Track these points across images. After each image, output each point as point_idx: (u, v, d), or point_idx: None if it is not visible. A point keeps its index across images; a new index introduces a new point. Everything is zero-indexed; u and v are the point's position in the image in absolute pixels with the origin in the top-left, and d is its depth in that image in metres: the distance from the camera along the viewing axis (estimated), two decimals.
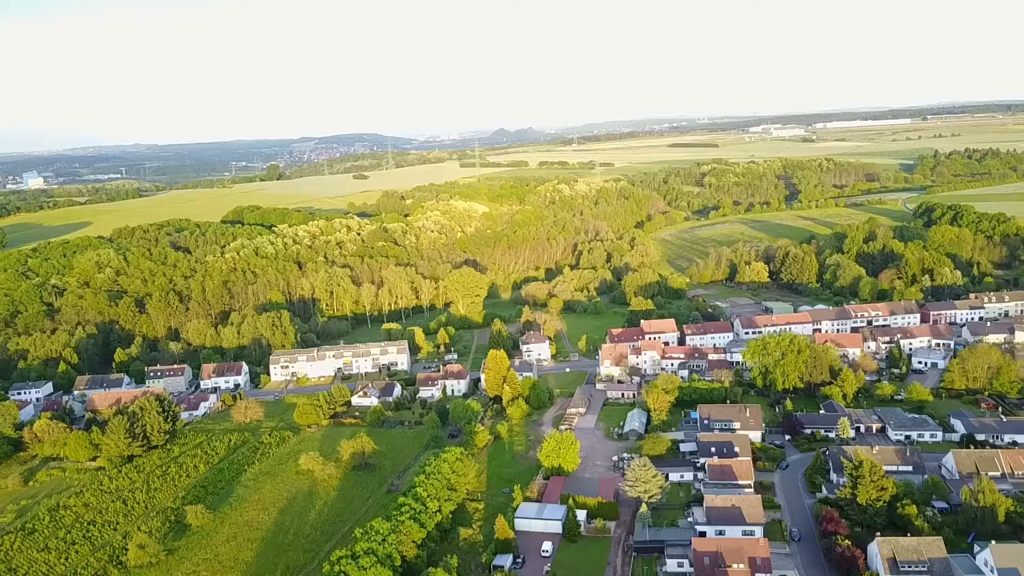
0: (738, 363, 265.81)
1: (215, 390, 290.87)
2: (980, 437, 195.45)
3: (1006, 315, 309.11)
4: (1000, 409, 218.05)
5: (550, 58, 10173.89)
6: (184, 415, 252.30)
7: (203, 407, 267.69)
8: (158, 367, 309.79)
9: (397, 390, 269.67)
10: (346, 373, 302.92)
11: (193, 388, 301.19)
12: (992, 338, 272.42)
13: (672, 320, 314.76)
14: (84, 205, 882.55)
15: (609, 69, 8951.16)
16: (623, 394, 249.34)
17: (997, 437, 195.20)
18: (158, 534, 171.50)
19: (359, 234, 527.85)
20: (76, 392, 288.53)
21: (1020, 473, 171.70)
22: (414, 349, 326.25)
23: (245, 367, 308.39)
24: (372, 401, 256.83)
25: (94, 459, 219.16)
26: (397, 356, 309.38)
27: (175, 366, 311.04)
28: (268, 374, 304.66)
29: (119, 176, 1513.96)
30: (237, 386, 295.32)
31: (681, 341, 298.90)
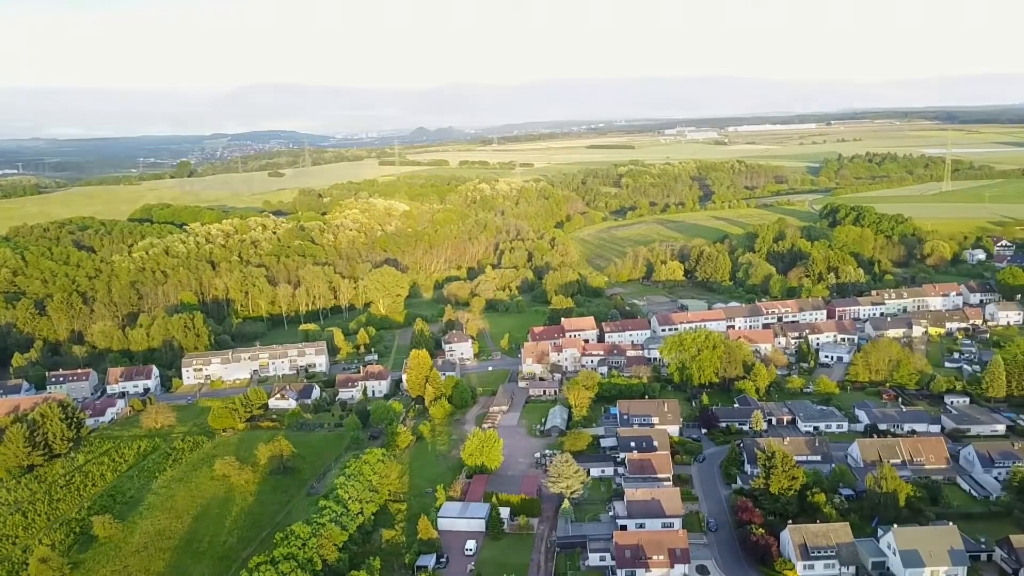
0: (656, 359, 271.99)
1: (123, 395, 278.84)
2: (882, 427, 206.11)
3: (904, 311, 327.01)
4: (900, 400, 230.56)
5: (469, 58, 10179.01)
6: (89, 421, 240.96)
7: (110, 413, 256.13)
8: (60, 372, 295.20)
9: (316, 392, 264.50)
10: (262, 375, 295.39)
11: (99, 393, 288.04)
12: (892, 333, 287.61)
13: (592, 318, 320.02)
14: None
15: (528, 71, 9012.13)
16: (545, 391, 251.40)
17: (897, 426, 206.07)
18: (62, 547, 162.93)
19: (275, 233, 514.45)
20: None
21: (919, 460, 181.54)
22: (333, 350, 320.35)
23: (155, 370, 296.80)
24: (290, 404, 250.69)
25: None
26: (315, 357, 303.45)
27: (79, 370, 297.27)
28: (180, 377, 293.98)
29: (15, 172, 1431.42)
30: (147, 390, 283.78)
31: (600, 338, 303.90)
